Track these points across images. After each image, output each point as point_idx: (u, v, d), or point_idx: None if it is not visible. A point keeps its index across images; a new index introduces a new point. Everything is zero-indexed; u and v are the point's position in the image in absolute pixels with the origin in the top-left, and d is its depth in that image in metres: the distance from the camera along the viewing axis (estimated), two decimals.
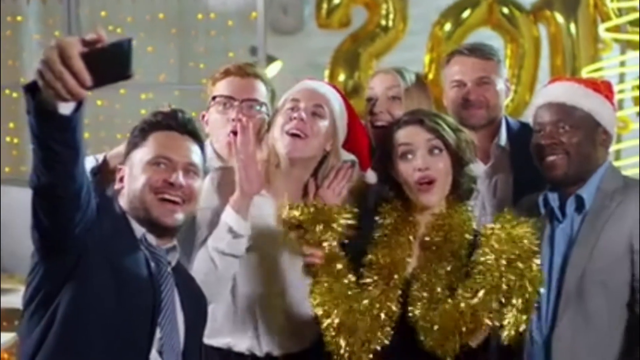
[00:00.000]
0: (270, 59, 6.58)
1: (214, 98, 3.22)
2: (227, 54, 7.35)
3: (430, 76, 6.22)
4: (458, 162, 2.87)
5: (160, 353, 2.49)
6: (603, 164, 2.92)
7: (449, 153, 2.86)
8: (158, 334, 2.49)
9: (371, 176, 3.09)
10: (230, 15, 7.33)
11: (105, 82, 2.03)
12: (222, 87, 3.23)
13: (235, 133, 3.10)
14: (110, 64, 2.00)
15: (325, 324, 2.77)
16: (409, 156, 2.85)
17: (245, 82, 3.22)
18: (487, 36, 6.64)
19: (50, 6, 7.25)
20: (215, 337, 3.01)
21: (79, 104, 2.05)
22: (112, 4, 7.31)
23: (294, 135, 2.94)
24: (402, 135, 2.88)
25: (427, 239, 2.86)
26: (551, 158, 2.85)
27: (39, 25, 7.35)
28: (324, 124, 2.98)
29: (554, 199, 2.94)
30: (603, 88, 2.99)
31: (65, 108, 2.03)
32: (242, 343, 3.01)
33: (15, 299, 5.25)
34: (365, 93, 3.54)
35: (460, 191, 2.90)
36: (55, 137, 2.08)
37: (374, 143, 3.27)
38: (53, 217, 2.27)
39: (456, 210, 2.88)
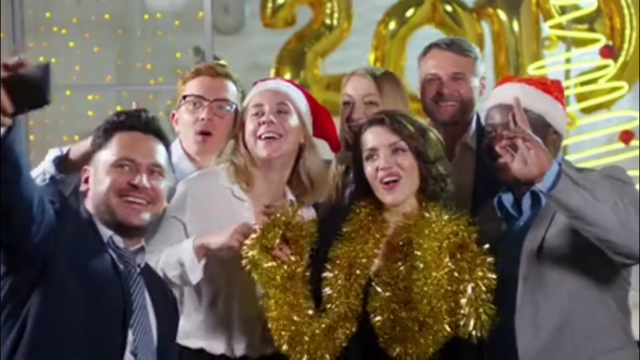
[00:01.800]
0: (215, 59, 6.59)
1: (184, 97, 3.21)
2: (175, 54, 7.34)
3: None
4: (423, 161, 2.89)
5: (134, 355, 2.47)
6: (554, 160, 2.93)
7: (413, 152, 2.88)
8: (130, 336, 2.47)
9: (342, 157, 3.18)
10: (177, 15, 7.31)
11: (26, 109, 2.03)
12: (192, 87, 3.21)
13: (203, 133, 3.14)
14: (30, 90, 1.99)
15: (277, 338, 2.82)
16: (374, 157, 2.89)
17: (216, 82, 3.22)
18: (432, 34, 6.73)
19: None
20: (189, 339, 3.00)
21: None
22: (57, 5, 7.25)
23: (268, 138, 2.95)
24: (367, 137, 2.92)
25: (395, 239, 2.89)
26: (503, 160, 2.84)
27: None
28: (292, 119, 2.99)
29: (507, 199, 2.95)
30: (553, 88, 2.99)
31: None
32: (217, 347, 3.00)
33: None
34: (337, 95, 3.51)
35: (428, 190, 2.92)
36: None
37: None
38: (8, 233, 2.25)
39: (427, 209, 2.90)
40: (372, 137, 2.91)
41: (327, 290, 2.86)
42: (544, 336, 2.84)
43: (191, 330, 2.99)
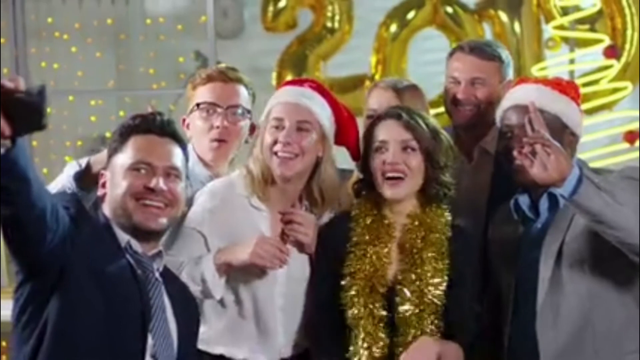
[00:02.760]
0: (217, 63, 6.58)
1: (197, 105, 3.21)
2: (177, 58, 7.34)
3: (377, 77, 6.26)
4: (431, 165, 2.90)
5: (154, 358, 2.48)
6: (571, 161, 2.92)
7: (423, 153, 2.89)
8: (150, 340, 2.47)
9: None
10: (179, 19, 7.31)
11: (23, 131, 2.03)
12: (205, 94, 3.21)
13: (219, 140, 3.15)
14: (28, 113, 2.00)
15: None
16: (383, 150, 2.90)
17: (228, 87, 3.21)
18: (433, 35, 6.73)
19: None
20: (211, 345, 3.00)
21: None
22: (59, 10, 7.25)
23: (284, 157, 2.93)
24: (380, 129, 2.93)
25: (406, 244, 2.91)
26: (519, 161, 2.84)
27: None
28: (311, 137, 2.96)
29: (524, 201, 2.94)
30: (569, 89, 3.00)
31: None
32: (237, 354, 3.00)
33: None
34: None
35: (430, 195, 2.93)
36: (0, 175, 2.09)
37: None
38: (24, 243, 2.27)
39: (431, 210, 2.93)
40: (384, 130, 2.92)
41: (353, 311, 2.88)
42: (564, 338, 2.84)
43: (211, 337, 2.99)
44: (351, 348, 2.88)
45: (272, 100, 3.04)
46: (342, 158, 3.14)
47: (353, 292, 2.87)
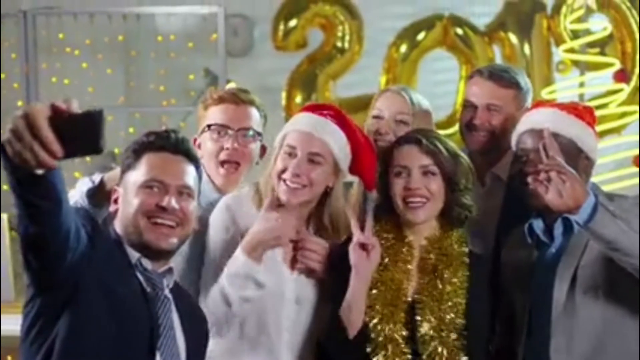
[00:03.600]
0: (227, 82, 6.61)
1: (209, 127, 3.20)
2: (187, 76, 7.36)
3: None
4: (451, 188, 2.89)
5: None
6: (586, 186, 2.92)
7: (443, 177, 2.89)
8: (158, 357, 2.46)
9: (375, 196, 3.09)
10: (190, 37, 7.33)
11: (76, 153, 1.98)
12: (216, 115, 3.20)
13: (228, 162, 3.14)
14: (80, 134, 1.94)
15: None
16: (403, 174, 2.90)
17: (240, 110, 3.20)
18: (443, 57, 6.75)
19: (7, 28, 7.20)
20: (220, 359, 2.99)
21: None
22: (70, 26, 7.25)
23: (291, 187, 2.91)
24: (399, 154, 2.92)
25: (425, 263, 2.90)
26: (534, 185, 2.84)
27: None
28: (322, 169, 2.93)
29: (538, 225, 2.93)
30: (585, 114, 2.98)
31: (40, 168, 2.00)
32: None
33: None
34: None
35: (451, 217, 2.93)
36: (34, 193, 2.06)
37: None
38: (44, 261, 2.25)
39: (452, 234, 2.93)
40: (405, 155, 2.91)
41: (375, 330, 2.85)
42: None
43: (217, 353, 2.97)
44: None
45: (288, 125, 3.02)
46: None
47: (373, 313, 2.86)
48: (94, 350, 2.37)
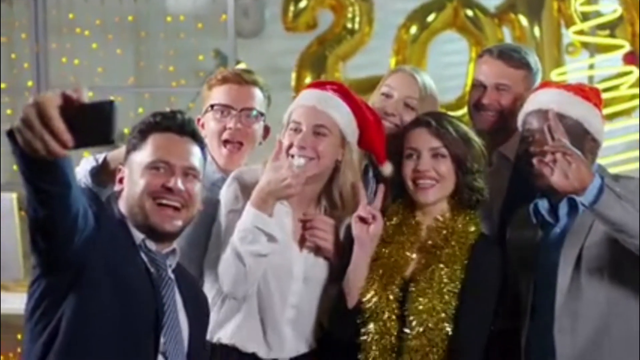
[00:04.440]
0: (236, 62, 6.60)
1: (212, 106, 3.22)
2: (197, 56, 7.36)
3: None
4: (462, 170, 2.92)
5: (164, 357, 2.48)
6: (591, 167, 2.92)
7: (453, 160, 2.92)
8: (162, 338, 2.48)
9: (386, 169, 3.11)
10: (200, 18, 7.32)
11: (86, 143, 1.98)
12: (219, 95, 3.22)
13: (230, 142, 3.17)
14: (92, 125, 1.94)
15: None
16: (413, 157, 2.93)
17: (243, 90, 3.22)
18: (453, 38, 6.73)
19: (17, 9, 7.21)
20: (223, 335, 3.02)
21: None
22: (80, 7, 7.27)
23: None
24: (410, 136, 2.97)
25: (428, 242, 2.94)
26: (540, 166, 2.84)
27: (5, 28, 7.31)
28: (328, 141, 2.96)
29: (543, 205, 2.94)
30: (592, 95, 2.99)
31: None
32: (249, 346, 3.01)
33: None
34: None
35: (462, 200, 2.96)
36: (43, 179, 2.06)
37: None
38: (52, 243, 2.26)
39: (460, 215, 2.96)
40: (414, 138, 2.95)
41: (368, 298, 2.90)
42: (582, 344, 2.84)
43: (226, 328, 3.01)
44: (363, 337, 2.90)
45: (293, 104, 3.05)
46: None
47: (370, 281, 2.91)
48: (99, 332, 2.38)
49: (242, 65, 6.51)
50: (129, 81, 7.53)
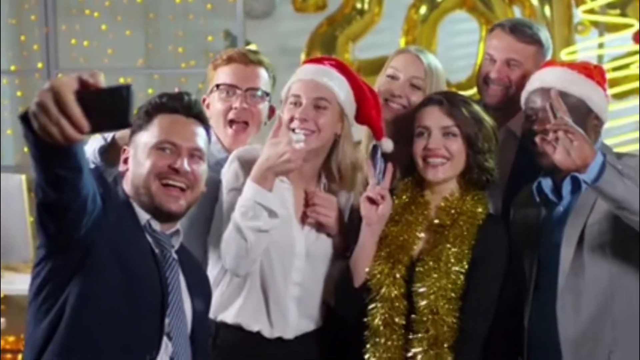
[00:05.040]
0: (246, 43, 6.60)
1: (217, 86, 3.23)
2: (206, 37, 7.35)
3: None
4: (472, 150, 2.93)
5: (168, 337, 2.49)
6: (595, 145, 2.93)
7: (464, 139, 2.92)
8: (166, 319, 2.49)
9: (386, 144, 3.13)
10: None
11: (102, 128, 1.97)
12: (224, 75, 3.23)
13: (235, 122, 3.17)
14: (108, 109, 1.90)
15: None
16: (424, 135, 2.94)
17: (248, 70, 3.23)
18: (463, 18, 6.71)
19: None
20: (227, 315, 3.03)
21: None
22: None
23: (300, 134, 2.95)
24: (421, 115, 2.97)
25: (435, 221, 2.94)
26: (543, 145, 2.86)
27: (14, 9, 7.31)
28: (328, 114, 2.97)
29: (546, 184, 2.95)
30: (595, 73, 2.99)
31: None
32: (254, 325, 3.02)
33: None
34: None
35: (471, 179, 2.96)
36: (56, 163, 2.05)
37: (387, 119, 3.22)
38: (60, 225, 2.25)
39: (469, 195, 2.96)
40: (426, 116, 2.95)
41: (375, 276, 2.91)
42: (585, 321, 2.85)
43: (230, 307, 3.02)
44: (370, 316, 2.91)
45: (291, 79, 3.05)
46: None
47: (377, 260, 2.92)
48: (105, 312, 2.38)
49: (252, 47, 6.51)
50: (138, 62, 7.53)
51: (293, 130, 2.94)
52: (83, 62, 7.25)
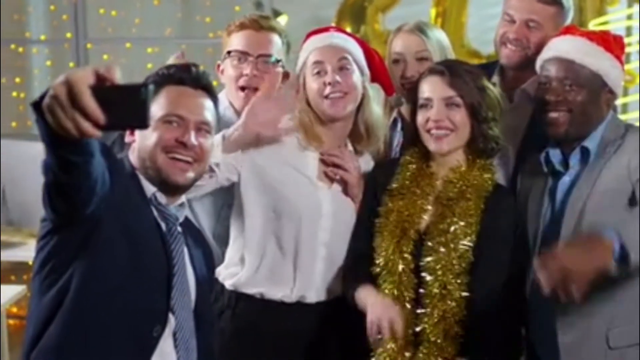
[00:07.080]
0: (276, 13, 6.57)
1: (229, 53, 3.21)
2: (234, 7, 7.32)
3: None
4: (477, 119, 2.89)
5: (172, 312, 2.47)
6: (606, 118, 2.92)
7: (468, 109, 2.88)
8: (171, 293, 2.46)
9: (398, 100, 3.15)
10: None
11: (117, 126, 1.92)
12: (237, 41, 3.21)
13: (247, 88, 3.15)
14: (124, 107, 1.81)
15: None
16: (428, 106, 2.90)
17: (260, 36, 3.21)
18: None
19: None
20: (248, 287, 3.04)
21: None
22: None
23: (334, 97, 2.94)
24: (424, 86, 2.93)
25: (442, 193, 2.91)
26: (554, 114, 2.84)
27: None
28: (355, 73, 2.98)
29: (554, 154, 2.93)
30: (615, 45, 2.95)
31: None
32: (277, 292, 3.02)
33: (22, 253, 5.31)
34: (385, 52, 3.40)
35: (477, 149, 2.93)
36: (68, 150, 1.99)
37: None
38: (68, 204, 2.21)
39: (476, 165, 2.93)
40: (428, 87, 2.92)
41: (383, 251, 2.89)
42: None
43: (249, 278, 3.03)
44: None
45: (303, 53, 3.05)
46: None
47: (385, 233, 2.89)
48: (111, 287, 2.35)
49: (283, 17, 6.49)
50: (166, 32, 7.52)
51: (326, 97, 2.94)
52: (111, 31, 7.25)
